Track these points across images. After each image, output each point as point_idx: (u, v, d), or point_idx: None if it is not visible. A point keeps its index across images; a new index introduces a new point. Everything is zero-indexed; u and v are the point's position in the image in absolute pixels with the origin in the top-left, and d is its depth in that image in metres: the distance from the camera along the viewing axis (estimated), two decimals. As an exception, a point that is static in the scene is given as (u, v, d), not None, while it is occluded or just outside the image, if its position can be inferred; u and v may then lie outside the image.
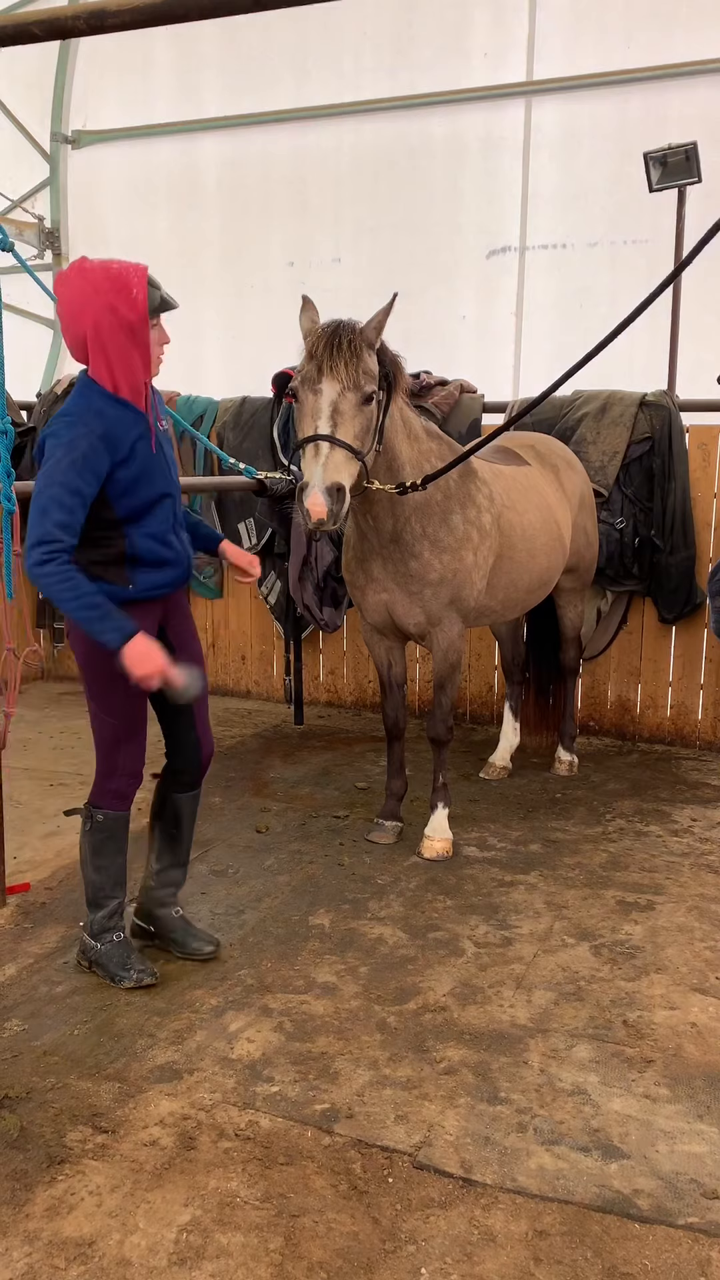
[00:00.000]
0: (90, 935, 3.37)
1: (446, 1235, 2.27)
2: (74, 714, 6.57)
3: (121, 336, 2.94)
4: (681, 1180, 2.44)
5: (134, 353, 2.97)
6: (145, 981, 3.27)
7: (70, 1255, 2.20)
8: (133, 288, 2.92)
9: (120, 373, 2.97)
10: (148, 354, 3.03)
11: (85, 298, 2.92)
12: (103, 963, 3.33)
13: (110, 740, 3.26)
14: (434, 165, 8.76)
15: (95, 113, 9.98)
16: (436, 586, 4.12)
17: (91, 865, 3.34)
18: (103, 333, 2.92)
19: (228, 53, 9.18)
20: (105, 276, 2.92)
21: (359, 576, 4.29)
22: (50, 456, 2.92)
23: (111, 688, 3.14)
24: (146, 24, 2.98)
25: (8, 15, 3.43)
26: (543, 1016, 3.12)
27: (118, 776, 3.29)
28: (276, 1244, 2.23)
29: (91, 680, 3.19)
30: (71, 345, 3.02)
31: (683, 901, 3.92)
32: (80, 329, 2.95)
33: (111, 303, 2.90)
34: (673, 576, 5.68)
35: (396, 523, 4.05)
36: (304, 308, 3.76)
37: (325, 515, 3.42)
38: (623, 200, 7.91)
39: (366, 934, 3.64)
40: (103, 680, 3.14)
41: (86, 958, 3.37)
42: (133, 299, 2.92)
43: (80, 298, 2.92)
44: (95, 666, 3.13)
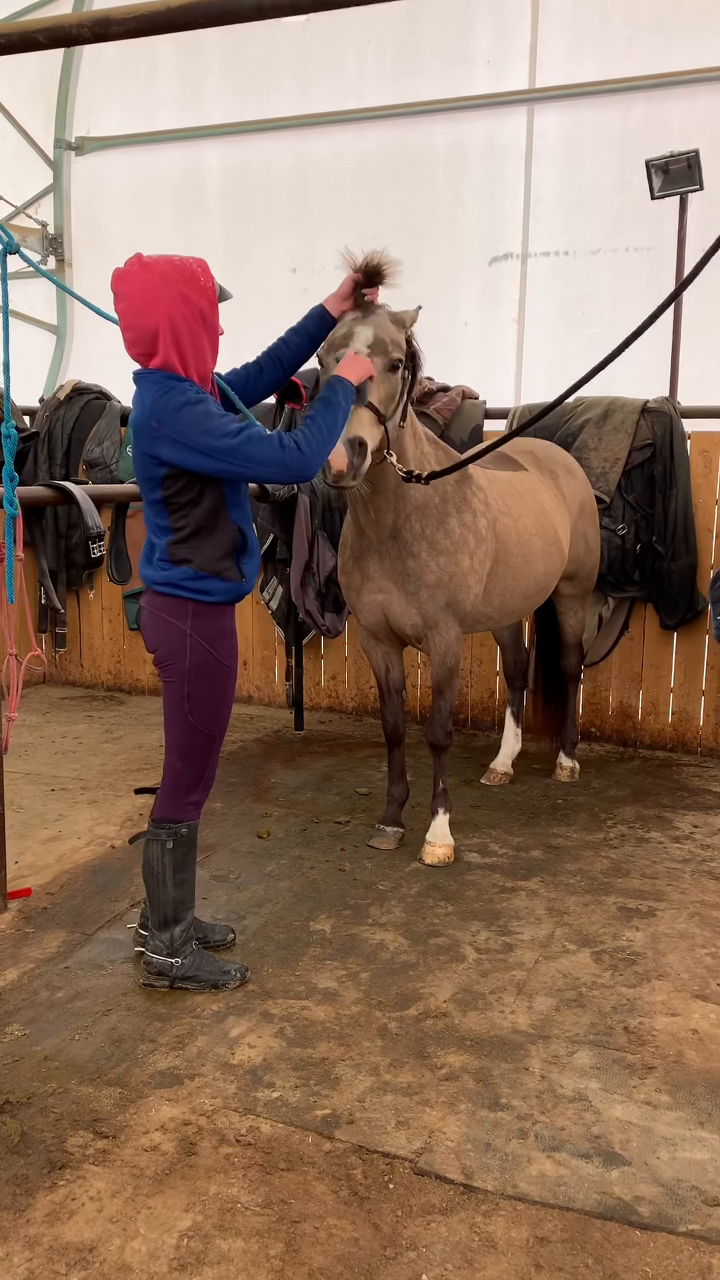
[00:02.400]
0: (167, 954, 3.27)
1: (447, 1241, 2.26)
2: (75, 719, 6.58)
3: (196, 325, 2.93)
4: (683, 1187, 2.44)
5: (205, 340, 2.98)
6: (247, 976, 3.32)
7: (71, 1260, 2.20)
8: (199, 276, 2.93)
9: (193, 361, 2.96)
10: (217, 341, 3.05)
11: (155, 290, 2.89)
12: (195, 975, 3.28)
13: (203, 753, 3.21)
14: (436, 172, 8.79)
15: (99, 119, 10.02)
16: (433, 589, 4.12)
17: (174, 881, 3.26)
18: (177, 322, 2.90)
19: (231, 60, 9.22)
20: (171, 268, 2.91)
21: (355, 576, 4.29)
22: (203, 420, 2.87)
23: (219, 698, 3.14)
24: (150, 32, 2.99)
25: (12, 24, 3.44)
26: (544, 1023, 3.12)
27: (201, 787, 3.27)
28: (277, 1250, 2.23)
29: (195, 693, 3.12)
30: (136, 339, 2.95)
31: (684, 908, 3.92)
32: (152, 322, 2.90)
33: (183, 292, 2.90)
34: (674, 583, 5.68)
35: (398, 518, 4.06)
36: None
37: (345, 467, 3.40)
38: (625, 208, 7.94)
39: (368, 939, 3.64)
40: (210, 692, 3.12)
41: (168, 976, 3.27)
42: (202, 286, 2.93)
43: (150, 290, 2.89)
44: (204, 680, 3.10)
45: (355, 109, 8.86)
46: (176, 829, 3.25)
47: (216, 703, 3.16)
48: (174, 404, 2.89)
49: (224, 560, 3.08)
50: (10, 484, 3.68)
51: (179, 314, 2.90)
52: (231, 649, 3.18)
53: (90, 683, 7.45)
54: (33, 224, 10.15)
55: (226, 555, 3.08)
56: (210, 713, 3.16)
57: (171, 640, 3.10)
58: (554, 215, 8.43)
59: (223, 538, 3.07)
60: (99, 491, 4.45)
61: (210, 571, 3.05)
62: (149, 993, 3.27)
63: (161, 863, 3.24)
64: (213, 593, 3.08)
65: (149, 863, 3.27)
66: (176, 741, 3.21)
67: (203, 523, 3.03)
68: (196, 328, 2.94)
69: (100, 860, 4.31)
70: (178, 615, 3.09)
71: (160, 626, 3.12)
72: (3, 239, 3.67)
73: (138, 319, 2.92)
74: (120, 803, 4.99)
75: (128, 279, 2.93)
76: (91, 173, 10.16)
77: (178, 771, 3.23)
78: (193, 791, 3.26)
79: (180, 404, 2.88)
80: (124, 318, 2.95)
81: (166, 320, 2.89)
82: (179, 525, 3.04)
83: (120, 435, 6.86)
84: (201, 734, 3.18)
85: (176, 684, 3.13)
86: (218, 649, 3.12)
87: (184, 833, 3.26)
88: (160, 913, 3.28)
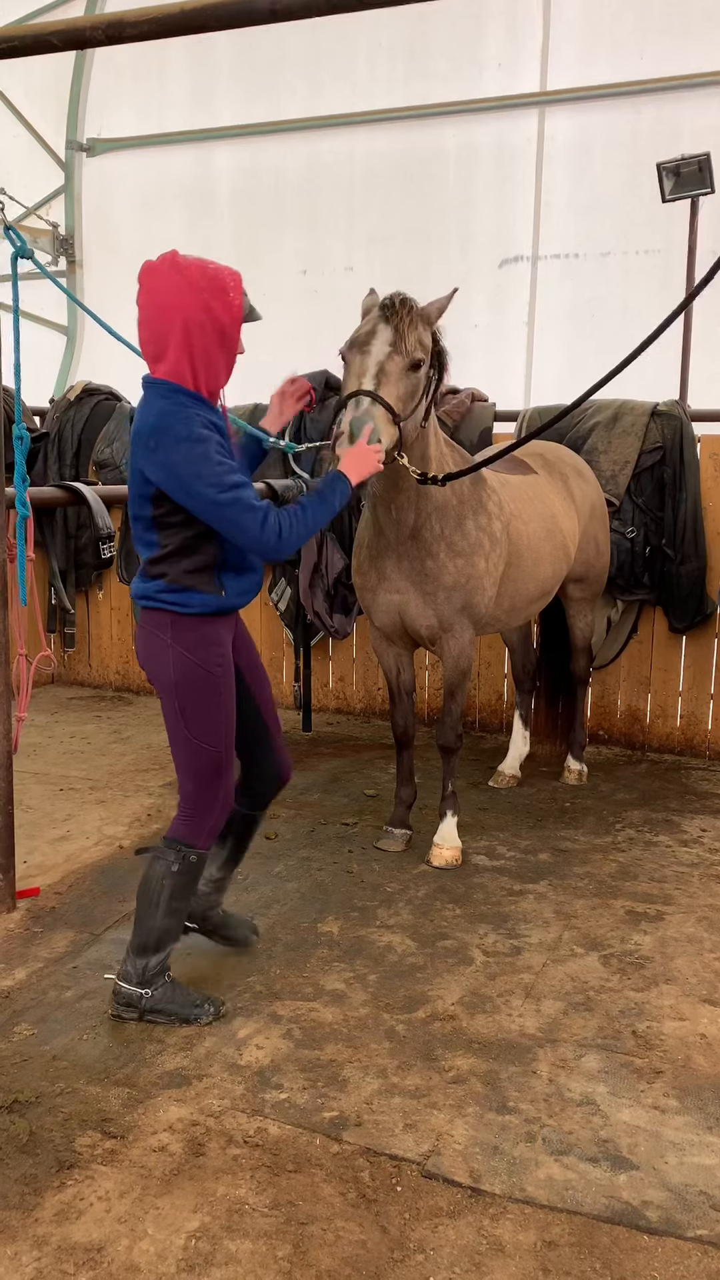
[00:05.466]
0: (137, 983, 3.07)
1: (455, 1245, 2.26)
2: (84, 719, 6.59)
3: (212, 338, 2.81)
4: (691, 1192, 2.43)
5: (220, 357, 2.86)
6: (221, 1012, 3.13)
7: (79, 1260, 2.21)
8: (229, 290, 2.81)
9: (203, 374, 2.84)
10: (234, 359, 2.93)
11: (179, 293, 2.77)
12: (165, 1008, 3.08)
13: (211, 770, 3.04)
14: (447, 175, 8.80)
15: (110, 121, 10.05)
16: (450, 591, 4.12)
17: (167, 908, 3.06)
18: (193, 331, 2.78)
19: (242, 62, 9.24)
20: (203, 274, 2.79)
21: (371, 576, 4.28)
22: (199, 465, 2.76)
23: (213, 710, 2.99)
24: (164, 35, 3.01)
25: (26, 26, 3.46)
26: (552, 1026, 3.12)
27: (218, 810, 3.10)
28: (285, 1251, 2.23)
29: (188, 706, 2.98)
30: (149, 338, 2.84)
31: (692, 912, 3.91)
32: (166, 324, 2.79)
33: (207, 302, 2.77)
34: (683, 586, 5.67)
35: (418, 518, 4.05)
36: (369, 294, 3.84)
37: None
38: (635, 210, 7.94)
39: (375, 942, 3.64)
40: (202, 704, 2.97)
41: (137, 1008, 3.08)
42: (228, 301, 2.81)
43: (173, 292, 2.77)
44: (193, 690, 2.96)
45: (366, 111, 8.87)
46: (187, 853, 3.06)
47: (212, 716, 2.99)
48: (178, 433, 2.76)
49: (200, 574, 2.93)
50: (23, 485, 3.69)
51: (197, 322, 2.78)
52: (221, 657, 3.00)
53: (99, 683, 7.47)
54: (44, 225, 10.18)
55: (203, 570, 2.94)
56: (207, 726, 3.00)
57: (156, 653, 2.98)
58: (564, 218, 8.43)
59: (202, 556, 2.92)
60: (109, 492, 4.46)
61: (184, 585, 2.92)
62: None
63: (161, 884, 3.05)
64: (189, 605, 2.94)
65: (148, 881, 3.08)
66: (183, 763, 3.06)
67: (187, 543, 2.90)
68: (212, 341, 2.82)
69: (108, 860, 4.31)
70: (159, 627, 2.96)
71: (144, 640, 3.01)
72: (15, 243, 3.69)
73: (155, 317, 2.82)
74: (128, 803, 4.99)
75: (155, 274, 2.81)
76: (102, 174, 10.20)
77: (190, 795, 3.07)
78: (208, 814, 3.08)
79: (184, 436, 2.76)
80: (142, 312, 2.84)
81: (182, 326, 2.78)
82: (164, 542, 2.91)
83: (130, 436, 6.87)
84: (205, 749, 3.01)
85: (168, 699, 3.00)
86: (202, 657, 2.96)
87: (193, 860, 3.08)
88: (142, 937, 3.09)
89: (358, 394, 3.47)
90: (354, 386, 3.50)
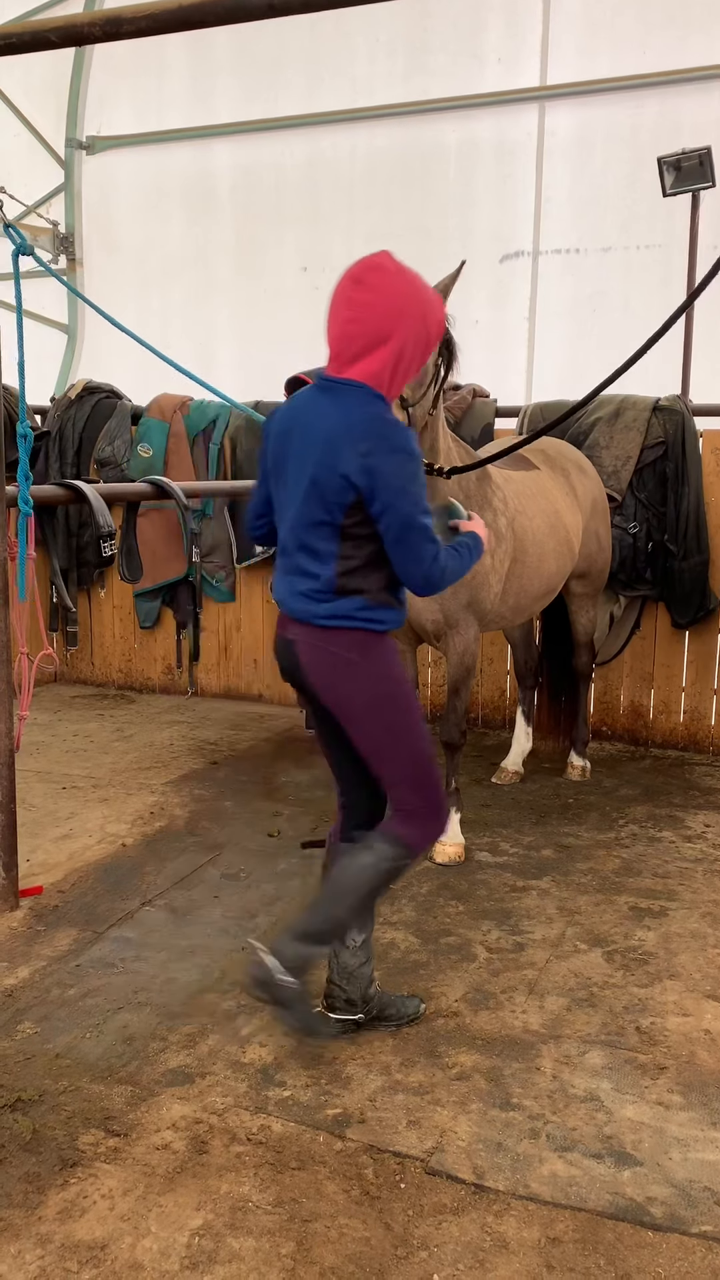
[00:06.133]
0: (290, 969, 2.74)
1: (458, 1241, 2.26)
2: (87, 717, 6.59)
3: (419, 352, 2.70)
4: (695, 1188, 2.43)
5: (413, 371, 2.74)
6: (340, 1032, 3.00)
7: (82, 1258, 2.20)
8: (440, 310, 2.75)
9: (398, 385, 2.72)
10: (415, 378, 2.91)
11: (405, 299, 2.64)
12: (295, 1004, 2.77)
13: (432, 773, 2.85)
14: (447, 170, 8.77)
15: (109, 118, 10.02)
16: (456, 587, 4.11)
17: (359, 903, 2.84)
18: (407, 341, 2.65)
19: (241, 58, 9.21)
20: (424, 286, 2.70)
21: None
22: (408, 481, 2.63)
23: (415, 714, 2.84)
24: (161, 31, 3.00)
25: (25, 23, 3.45)
26: (555, 1022, 3.11)
27: (443, 813, 2.91)
28: (288, 1249, 2.23)
29: (394, 721, 2.79)
30: (357, 335, 2.66)
31: (696, 907, 3.90)
32: (385, 327, 2.63)
33: (426, 314, 2.67)
34: (686, 581, 5.66)
35: None
36: None
37: None
38: (636, 205, 7.91)
39: (378, 939, 3.63)
40: (405, 713, 2.81)
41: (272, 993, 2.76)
42: (439, 319, 2.74)
43: (400, 297, 2.64)
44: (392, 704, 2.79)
45: (366, 107, 8.84)
46: (408, 856, 2.83)
47: (416, 719, 2.83)
48: (395, 443, 2.62)
49: (390, 590, 2.79)
50: (25, 483, 3.69)
51: (414, 333, 2.66)
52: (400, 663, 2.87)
53: (101, 681, 7.47)
54: (44, 223, 10.16)
55: (391, 585, 2.79)
56: (416, 731, 2.83)
57: (346, 676, 2.76)
58: (565, 213, 8.40)
59: (389, 571, 2.76)
60: (110, 490, 4.46)
61: (380, 602, 2.76)
62: (160, 990, 3.27)
63: (363, 874, 2.80)
64: (383, 621, 2.77)
65: (347, 869, 2.82)
66: (400, 776, 2.83)
67: (373, 557, 2.72)
68: (417, 355, 2.70)
69: (111, 858, 4.31)
70: (349, 648, 2.75)
71: (328, 663, 2.76)
72: (15, 240, 3.69)
73: (372, 317, 2.64)
74: (131, 801, 4.99)
75: (381, 272, 2.66)
76: (102, 172, 10.17)
77: (416, 807, 2.83)
78: (435, 820, 2.87)
79: (400, 447, 2.62)
80: (357, 309, 2.65)
81: (402, 335, 2.64)
82: (350, 554, 2.70)
83: (131, 434, 6.88)
84: (421, 754, 2.83)
85: (366, 719, 2.79)
86: (395, 671, 2.81)
87: (407, 864, 2.86)
88: (320, 924, 2.82)
89: None
90: None
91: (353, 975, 3.01)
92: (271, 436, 2.86)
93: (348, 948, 3.00)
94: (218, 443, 6.72)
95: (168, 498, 4.69)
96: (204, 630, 7.03)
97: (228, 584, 6.91)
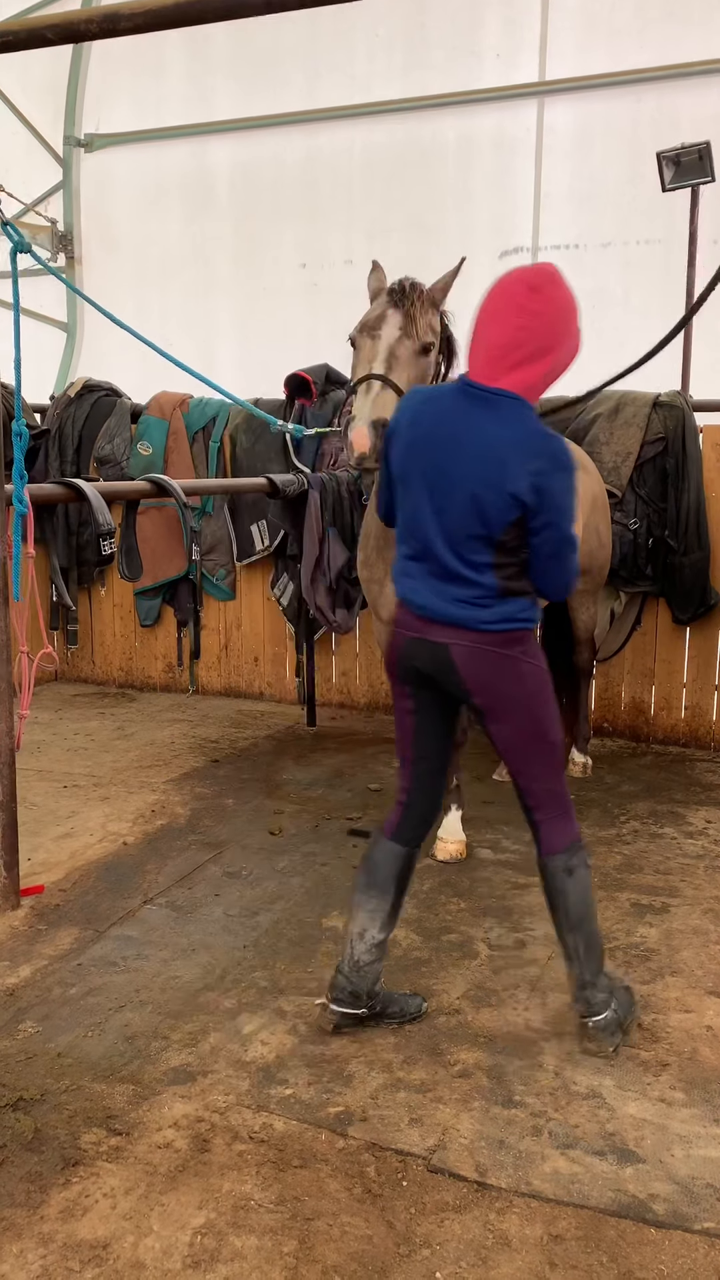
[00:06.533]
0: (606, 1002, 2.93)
1: (461, 1239, 2.26)
2: (87, 716, 6.59)
3: (566, 369, 2.74)
4: (697, 1184, 2.43)
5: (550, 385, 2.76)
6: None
7: (85, 1257, 2.20)
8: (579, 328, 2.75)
9: (537, 397, 2.74)
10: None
11: (571, 315, 2.68)
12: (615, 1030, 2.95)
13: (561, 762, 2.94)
14: (446, 166, 8.76)
15: (107, 116, 10.01)
16: None
17: (593, 913, 2.94)
18: (564, 357, 2.70)
19: (239, 55, 9.20)
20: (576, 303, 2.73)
21: (378, 568, 4.27)
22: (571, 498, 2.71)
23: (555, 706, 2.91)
24: (159, 27, 2.99)
25: (21, 20, 3.45)
26: (557, 1019, 3.11)
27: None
28: (290, 1247, 2.23)
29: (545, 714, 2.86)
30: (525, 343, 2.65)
31: (697, 904, 3.90)
32: (551, 338, 2.65)
33: (579, 333, 2.72)
34: (686, 577, 5.66)
35: None
36: (373, 270, 3.77)
37: (368, 449, 3.32)
38: (636, 200, 7.89)
39: (380, 936, 3.63)
40: (551, 705, 2.88)
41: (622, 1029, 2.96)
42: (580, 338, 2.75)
43: (570, 312, 2.68)
44: (543, 695, 2.85)
45: (364, 103, 8.83)
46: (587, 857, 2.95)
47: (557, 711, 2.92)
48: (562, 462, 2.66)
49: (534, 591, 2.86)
50: (21, 481, 3.68)
51: (570, 351, 2.71)
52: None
53: (102, 680, 7.47)
54: (42, 221, 10.15)
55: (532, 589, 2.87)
56: (558, 723, 2.91)
57: (506, 674, 2.80)
58: (564, 208, 8.39)
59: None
60: (109, 489, 4.46)
61: (534, 600, 2.84)
62: (162, 989, 3.27)
63: (586, 888, 2.89)
64: (534, 619, 2.85)
65: (577, 890, 2.89)
66: (548, 769, 2.90)
67: (523, 562, 2.77)
68: (562, 373, 2.74)
69: (113, 857, 4.31)
70: (510, 645, 2.79)
71: (491, 663, 2.79)
72: (13, 237, 3.68)
73: (544, 327, 2.65)
74: (132, 799, 4.99)
75: (555, 284, 2.68)
76: (101, 169, 10.16)
77: (560, 795, 2.92)
78: (572, 813, 2.96)
79: (566, 465, 2.68)
80: (530, 317, 2.64)
81: (561, 349, 2.68)
82: (505, 562, 2.74)
83: (130, 432, 6.87)
84: (560, 745, 2.93)
85: (522, 713, 2.83)
86: (543, 661, 2.88)
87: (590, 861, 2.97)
88: (596, 951, 2.93)
89: (368, 378, 3.45)
90: (364, 371, 3.48)
91: (362, 970, 3.00)
92: (404, 439, 2.81)
93: (364, 942, 3.01)
94: (217, 440, 6.71)
95: (167, 496, 4.69)
96: (204, 628, 7.03)
97: (228, 582, 6.91)
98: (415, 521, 2.82)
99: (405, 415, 2.85)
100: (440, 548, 2.76)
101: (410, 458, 2.80)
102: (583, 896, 2.90)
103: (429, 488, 2.76)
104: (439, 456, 2.73)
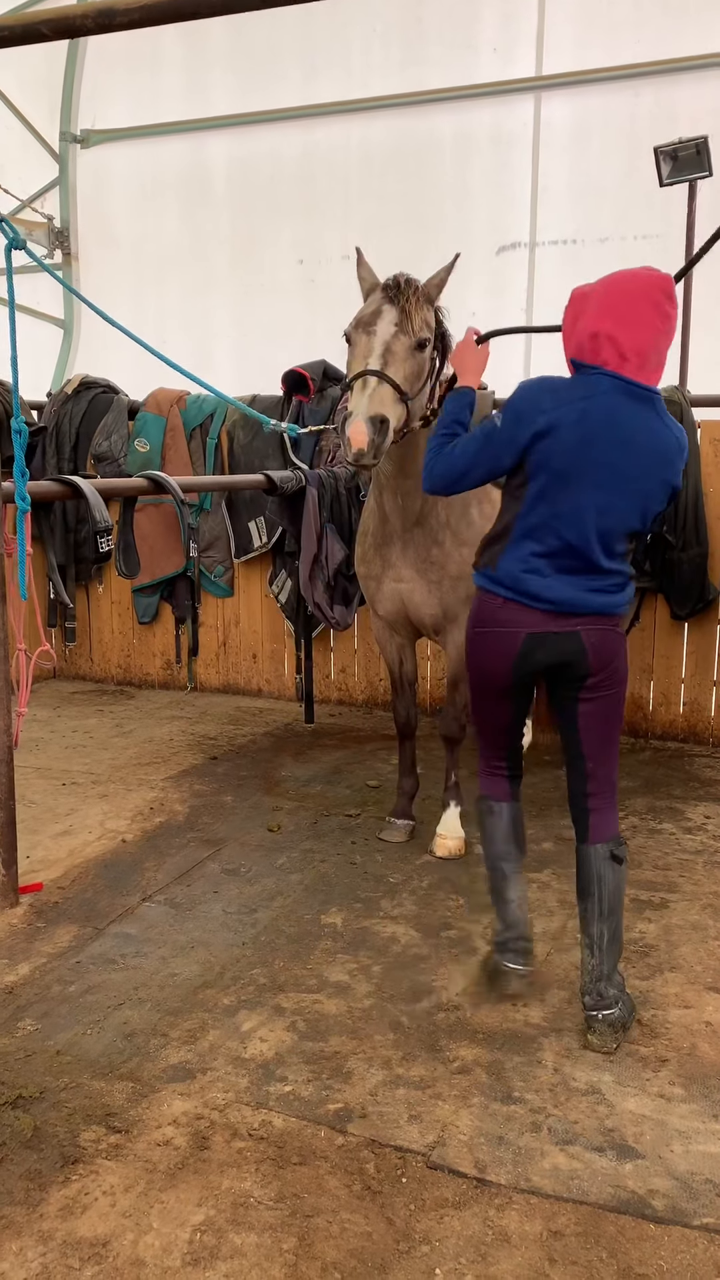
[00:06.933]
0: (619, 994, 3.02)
1: (460, 1235, 2.26)
2: (86, 713, 6.59)
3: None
4: (697, 1180, 2.43)
5: None
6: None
7: (84, 1255, 2.20)
8: None
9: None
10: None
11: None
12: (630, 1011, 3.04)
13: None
14: (443, 161, 8.74)
15: (104, 112, 9.98)
16: (455, 580, 4.10)
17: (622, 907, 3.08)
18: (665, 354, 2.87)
19: (236, 50, 9.18)
20: None
21: (375, 565, 4.26)
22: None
23: None
24: (154, 22, 2.98)
25: (16, 15, 3.43)
26: (556, 1015, 3.11)
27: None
28: (290, 1244, 2.23)
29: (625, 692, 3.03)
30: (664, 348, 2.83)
31: (697, 899, 3.90)
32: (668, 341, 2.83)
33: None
34: (685, 573, 5.65)
35: (424, 505, 4.03)
36: (359, 260, 3.75)
37: (366, 445, 3.32)
38: (633, 195, 7.88)
39: (379, 933, 3.63)
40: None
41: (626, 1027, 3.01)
42: None
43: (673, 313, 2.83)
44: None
45: (361, 98, 8.81)
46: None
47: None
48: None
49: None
50: (22, 479, 3.67)
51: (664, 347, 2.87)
52: None
53: (100, 677, 7.46)
54: (39, 218, 10.13)
55: None
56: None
57: (619, 652, 2.97)
58: (562, 203, 8.37)
59: None
60: (107, 485, 4.45)
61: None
62: (161, 986, 3.27)
63: (622, 879, 3.01)
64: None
65: (616, 880, 3.00)
66: (616, 754, 3.05)
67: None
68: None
69: (111, 854, 4.31)
70: (622, 623, 3.03)
71: (614, 642, 2.95)
72: (9, 234, 3.66)
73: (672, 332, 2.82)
74: (131, 796, 4.99)
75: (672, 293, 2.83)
76: (97, 166, 10.14)
77: (615, 786, 3.06)
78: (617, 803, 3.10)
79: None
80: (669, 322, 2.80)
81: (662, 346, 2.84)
82: (631, 549, 2.97)
83: (128, 429, 6.86)
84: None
85: (620, 693, 3.00)
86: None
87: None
88: (618, 942, 3.01)
89: (365, 374, 3.44)
90: (360, 367, 3.48)
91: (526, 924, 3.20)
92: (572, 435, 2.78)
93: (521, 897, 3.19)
94: (215, 436, 6.70)
95: (165, 492, 4.68)
96: (202, 625, 7.03)
97: (226, 579, 6.90)
98: (562, 519, 2.82)
99: (569, 412, 2.78)
100: (589, 543, 2.82)
101: (581, 455, 2.78)
102: (619, 887, 3.00)
103: (598, 486, 2.78)
104: (615, 455, 2.77)
